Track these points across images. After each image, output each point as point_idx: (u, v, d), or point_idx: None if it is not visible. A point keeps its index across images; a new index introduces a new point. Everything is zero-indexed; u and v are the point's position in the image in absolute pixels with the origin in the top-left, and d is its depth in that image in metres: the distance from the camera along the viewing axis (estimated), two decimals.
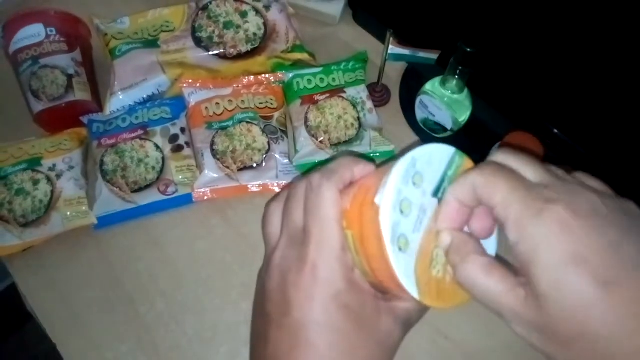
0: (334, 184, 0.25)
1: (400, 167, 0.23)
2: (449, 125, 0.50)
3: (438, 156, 0.24)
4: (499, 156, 0.24)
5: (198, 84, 0.55)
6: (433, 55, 0.53)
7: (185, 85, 0.54)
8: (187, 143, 0.52)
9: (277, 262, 0.27)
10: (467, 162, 0.25)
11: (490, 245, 0.24)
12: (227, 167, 0.50)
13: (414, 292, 0.22)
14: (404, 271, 0.22)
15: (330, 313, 0.24)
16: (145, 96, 0.54)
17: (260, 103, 0.54)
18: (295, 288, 0.25)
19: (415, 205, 0.23)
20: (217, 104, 0.53)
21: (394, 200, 0.22)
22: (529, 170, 0.22)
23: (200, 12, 0.56)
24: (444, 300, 0.23)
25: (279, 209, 0.29)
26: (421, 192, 0.23)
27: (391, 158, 0.54)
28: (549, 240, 0.19)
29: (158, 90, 0.55)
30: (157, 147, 0.51)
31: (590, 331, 0.19)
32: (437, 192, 0.23)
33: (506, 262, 0.22)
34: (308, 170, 0.53)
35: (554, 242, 0.19)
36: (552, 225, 0.19)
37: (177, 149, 0.51)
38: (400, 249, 0.22)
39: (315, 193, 0.26)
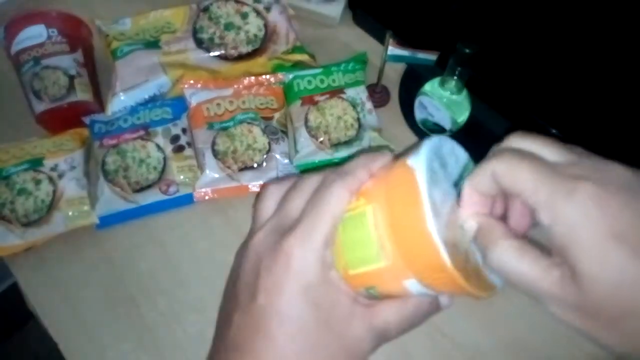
0: (347, 184, 0.24)
1: (432, 141, 0.22)
2: (447, 126, 0.51)
3: (457, 153, 0.24)
4: (513, 141, 0.23)
5: (199, 85, 0.55)
6: (432, 56, 0.53)
7: (186, 86, 0.55)
8: (188, 143, 0.52)
9: (255, 243, 0.26)
10: None
11: None
12: (228, 167, 0.50)
13: (448, 259, 0.20)
14: (440, 237, 0.20)
15: (296, 306, 0.23)
16: (146, 97, 0.55)
17: (261, 104, 0.54)
18: (266, 273, 0.24)
19: (444, 189, 0.22)
20: (218, 104, 0.53)
21: (428, 164, 0.21)
22: (548, 151, 0.22)
23: (201, 14, 0.56)
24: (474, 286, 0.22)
25: (278, 192, 0.28)
26: (444, 175, 0.23)
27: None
28: (585, 219, 0.19)
29: (159, 91, 0.55)
30: (159, 147, 0.51)
31: (637, 308, 0.18)
32: (457, 185, 0.23)
33: (536, 242, 0.22)
34: (308, 170, 0.53)
35: (590, 220, 0.19)
36: (586, 204, 0.19)
37: (179, 149, 0.51)
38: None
39: (325, 188, 0.25)
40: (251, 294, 0.25)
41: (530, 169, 0.21)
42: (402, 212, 0.22)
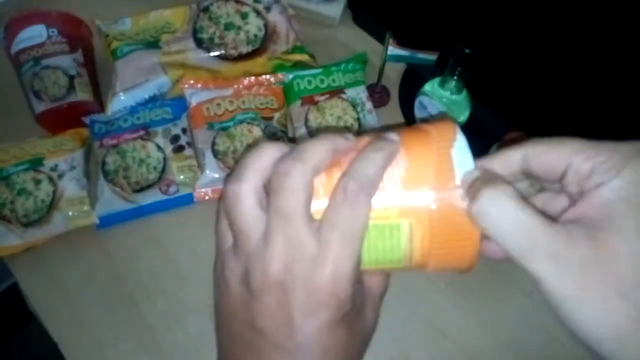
0: (310, 169, 0.21)
1: (465, 146, 0.22)
2: None
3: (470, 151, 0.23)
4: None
5: (199, 85, 0.55)
6: (432, 57, 0.53)
7: (186, 86, 0.55)
8: (188, 143, 0.52)
9: (273, 276, 0.21)
10: None
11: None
12: (228, 167, 0.50)
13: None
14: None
15: (337, 336, 0.22)
16: (146, 97, 0.55)
17: (261, 104, 0.54)
18: (301, 312, 0.21)
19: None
20: (218, 104, 0.53)
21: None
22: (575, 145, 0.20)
23: (201, 14, 0.56)
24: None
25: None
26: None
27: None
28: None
29: (159, 91, 0.55)
30: (159, 147, 0.51)
31: None
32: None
33: None
34: None
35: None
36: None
37: (179, 149, 0.51)
38: None
39: (281, 186, 0.20)
40: (286, 332, 0.22)
41: (574, 146, 0.20)
42: (451, 239, 0.21)
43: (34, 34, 0.54)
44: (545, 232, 0.18)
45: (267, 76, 0.56)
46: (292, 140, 0.55)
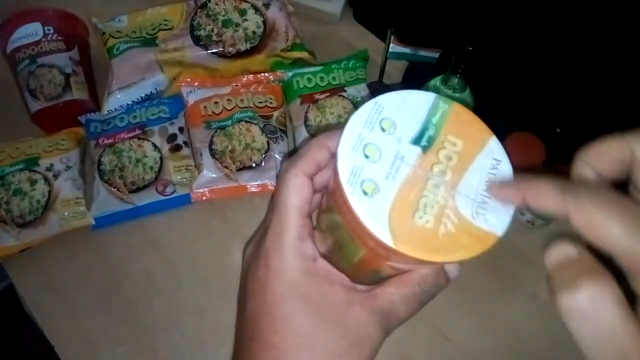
0: (300, 169, 0.24)
1: (360, 111, 0.21)
2: None
3: (414, 102, 0.22)
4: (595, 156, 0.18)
5: (196, 83, 0.54)
6: (434, 54, 0.52)
7: (183, 84, 0.54)
8: (185, 142, 0.52)
9: (246, 253, 0.27)
10: (458, 108, 0.22)
11: (494, 224, 0.20)
12: (226, 167, 0.50)
13: (384, 237, 0.19)
14: (371, 215, 0.20)
15: (283, 305, 0.23)
16: (143, 95, 0.54)
17: (260, 102, 0.53)
18: (252, 279, 0.25)
19: (387, 151, 0.21)
20: (216, 103, 0.52)
21: (352, 143, 0.21)
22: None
23: (199, 11, 0.55)
24: (433, 253, 0.20)
25: None
26: (394, 138, 0.21)
27: None
28: None
29: (156, 89, 0.54)
30: (155, 146, 0.50)
31: None
32: (420, 140, 0.22)
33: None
34: None
35: None
36: None
37: (176, 148, 0.51)
38: (365, 194, 0.20)
39: (280, 179, 0.24)
40: (243, 303, 0.25)
41: (629, 217, 0.15)
42: (337, 196, 0.21)
43: (30, 31, 0.53)
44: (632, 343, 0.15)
45: (266, 74, 0.56)
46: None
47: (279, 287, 0.23)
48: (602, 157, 0.19)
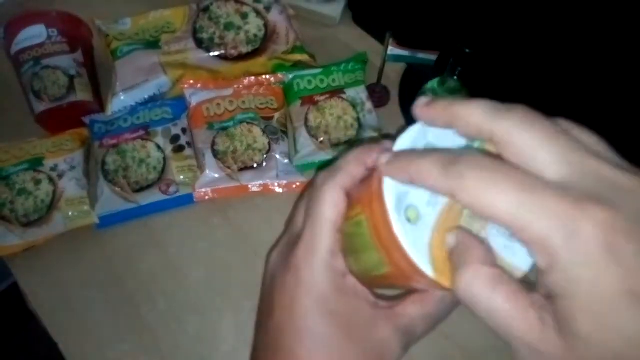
0: (337, 183, 0.23)
1: (407, 134, 0.21)
2: None
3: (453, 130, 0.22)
4: (499, 128, 0.17)
5: (199, 85, 0.55)
6: (432, 56, 0.53)
7: (186, 86, 0.55)
8: (188, 143, 0.52)
9: (270, 261, 0.27)
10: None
11: (522, 258, 0.20)
12: (228, 167, 0.50)
13: (426, 267, 0.19)
14: (413, 243, 0.19)
15: (312, 319, 0.23)
16: (146, 97, 0.55)
17: (261, 104, 0.54)
18: (280, 290, 0.24)
19: None
20: (218, 104, 0.53)
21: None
22: (547, 150, 0.16)
23: (201, 14, 0.56)
24: None
25: (303, 206, 0.27)
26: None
27: None
28: (590, 270, 0.15)
29: (159, 91, 0.55)
30: (159, 147, 0.51)
31: None
32: None
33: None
34: (308, 170, 0.53)
35: (597, 270, 0.14)
36: (593, 249, 0.14)
37: (179, 149, 0.51)
38: (409, 221, 0.19)
39: (316, 192, 0.24)
40: (268, 313, 0.25)
41: (514, 188, 0.15)
42: (378, 220, 0.20)
43: (34, 34, 0.54)
44: (519, 320, 0.17)
45: (267, 76, 0.56)
46: (387, 136, 0.55)
47: (308, 300, 0.23)
48: (458, 120, 0.19)
